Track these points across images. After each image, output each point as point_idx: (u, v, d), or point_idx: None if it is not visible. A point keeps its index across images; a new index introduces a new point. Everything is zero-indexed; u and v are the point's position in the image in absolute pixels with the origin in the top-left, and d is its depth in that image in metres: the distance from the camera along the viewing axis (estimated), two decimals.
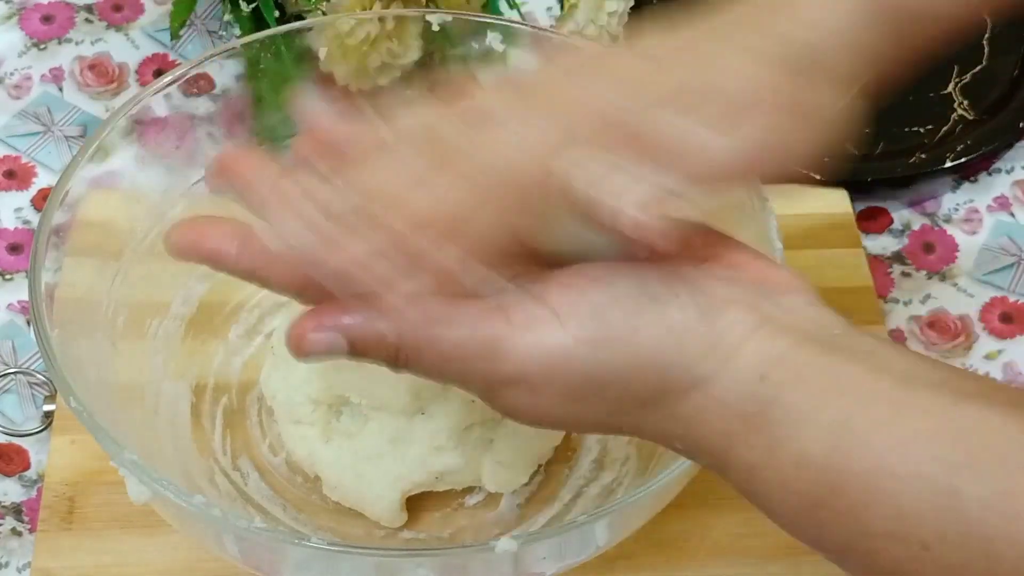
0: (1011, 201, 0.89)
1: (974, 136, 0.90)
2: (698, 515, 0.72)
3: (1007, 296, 0.85)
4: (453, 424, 0.69)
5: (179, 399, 0.73)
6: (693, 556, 0.72)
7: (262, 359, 0.75)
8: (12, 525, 0.74)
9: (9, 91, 0.92)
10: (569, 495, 0.72)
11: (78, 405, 0.60)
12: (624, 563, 0.71)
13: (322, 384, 0.70)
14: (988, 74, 0.94)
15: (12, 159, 0.89)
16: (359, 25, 0.78)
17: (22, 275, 0.83)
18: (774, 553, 0.72)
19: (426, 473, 0.69)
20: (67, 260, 0.66)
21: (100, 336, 0.69)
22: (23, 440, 0.76)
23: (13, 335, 0.81)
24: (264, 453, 0.74)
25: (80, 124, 0.91)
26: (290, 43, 0.76)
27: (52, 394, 0.77)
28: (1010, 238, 0.88)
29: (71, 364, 0.62)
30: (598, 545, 0.63)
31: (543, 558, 0.61)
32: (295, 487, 0.72)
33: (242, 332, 0.78)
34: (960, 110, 0.92)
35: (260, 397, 0.74)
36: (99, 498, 0.72)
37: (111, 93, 0.93)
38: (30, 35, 0.95)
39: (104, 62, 0.94)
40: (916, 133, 0.91)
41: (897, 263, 0.86)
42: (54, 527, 0.71)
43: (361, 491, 0.70)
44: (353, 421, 0.71)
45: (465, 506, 0.72)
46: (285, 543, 0.60)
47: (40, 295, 0.64)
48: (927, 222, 0.88)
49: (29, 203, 0.87)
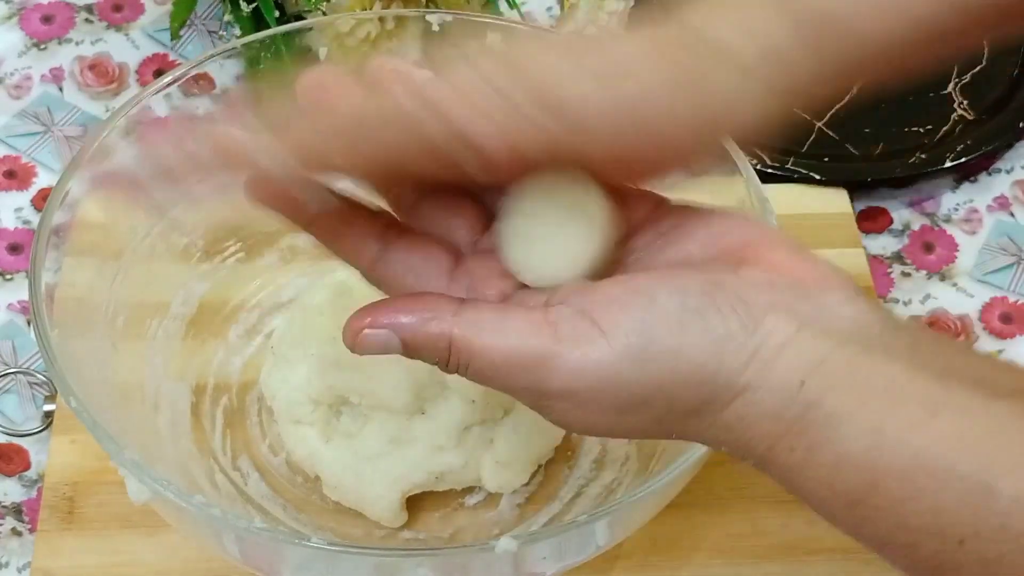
0: (1011, 201, 0.89)
1: (974, 136, 0.90)
2: (698, 515, 0.72)
3: (1007, 296, 0.85)
4: (453, 424, 0.69)
5: (179, 399, 0.73)
6: (693, 556, 0.72)
7: (262, 359, 0.75)
8: (12, 525, 0.74)
9: (9, 91, 0.92)
10: (569, 495, 0.72)
11: (78, 405, 0.60)
12: (624, 563, 0.71)
13: (322, 384, 0.70)
14: (988, 74, 0.94)
15: (12, 159, 0.89)
16: (359, 25, 0.78)
17: (22, 275, 0.83)
18: (774, 553, 0.72)
19: (426, 473, 0.69)
20: (67, 260, 0.66)
21: (100, 336, 0.69)
22: (23, 440, 0.76)
23: (13, 335, 0.81)
24: (264, 453, 0.74)
25: (80, 124, 0.91)
26: (290, 43, 0.76)
27: (52, 394, 0.77)
28: (1010, 238, 0.88)
29: (71, 364, 0.62)
30: (598, 545, 0.63)
31: (543, 558, 0.61)
32: (295, 487, 0.72)
33: (242, 332, 0.78)
34: (960, 110, 0.92)
35: (260, 397, 0.75)
36: (99, 498, 0.72)
37: (111, 93, 0.93)
38: (30, 35, 0.95)
39: (104, 62, 0.94)
40: (916, 133, 0.91)
41: (897, 263, 0.86)
42: (54, 527, 0.71)
43: (361, 491, 0.70)
44: (353, 421, 0.71)
45: (465, 506, 0.72)
46: (285, 543, 0.60)
47: (40, 295, 0.64)
48: (927, 222, 0.88)
49: (29, 203, 0.87)
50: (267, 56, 0.75)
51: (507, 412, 0.70)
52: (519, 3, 0.90)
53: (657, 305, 0.49)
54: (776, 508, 0.73)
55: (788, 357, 0.48)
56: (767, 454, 0.49)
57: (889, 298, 0.84)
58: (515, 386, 0.50)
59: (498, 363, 0.50)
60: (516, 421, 0.70)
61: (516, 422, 0.70)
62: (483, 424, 0.70)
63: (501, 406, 0.70)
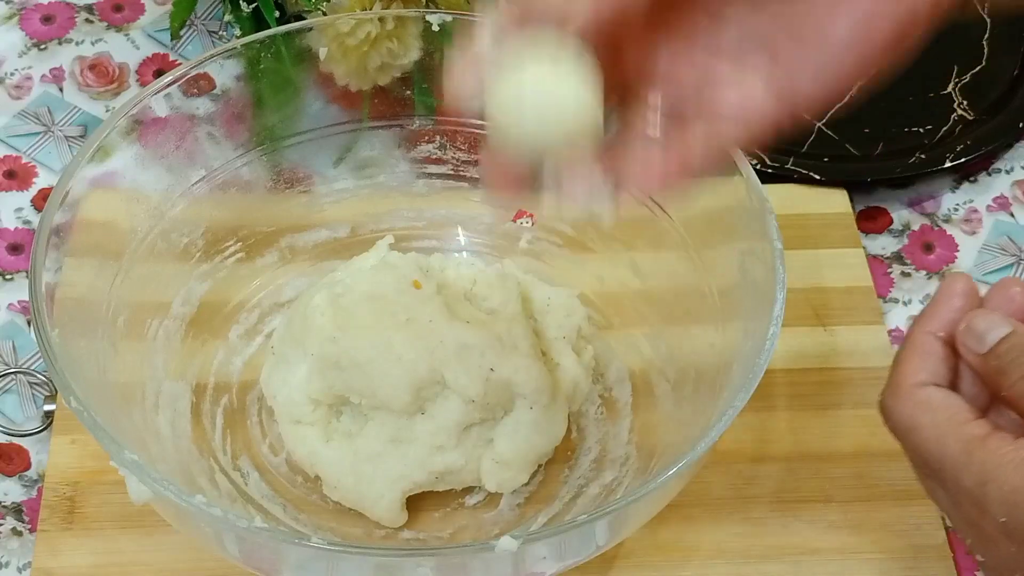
0: (1011, 201, 0.89)
1: (974, 136, 0.90)
2: (698, 515, 0.72)
3: None
4: (453, 424, 0.69)
5: (179, 399, 0.73)
6: (693, 556, 0.72)
7: (262, 359, 0.75)
8: (12, 525, 0.74)
9: (9, 91, 0.92)
10: (569, 495, 0.72)
11: (78, 405, 0.60)
12: (624, 563, 0.71)
13: (322, 384, 0.70)
14: (988, 74, 0.94)
15: (12, 159, 0.89)
16: (359, 25, 0.78)
17: (22, 275, 0.83)
18: (774, 553, 0.72)
19: (426, 473, 0.69)
20: (67, 260, 0.66)
21: (100, 336, 0.69)
22: (23, 440, 0.76)
23: (13, 335, 0.81)
24: (264, 453, 0.74)
25: (80, 124, 0.91)
26: (290, 43, 0.76)
27: (52, 394, 0.77)
28: (1010, 238, 0.88)
29: (71, 364, 0.62)
30: (598, 545, 0.63)
31: (543, 558, 0.61)
32: (295, 487, 0.72)
33: (242, 332, 0.78)
34: (960, 110, 0.92)
35: (260, 397, 0.75)
36: (99, 498, 0.72)
37: (111, 93, 0.93)
38: (30, 35, 0.95)
39: (104, 62, 0.94)
40: (916, 133, 0.91)
41: (897, 263, 0.86)
42: (54, 527, 0.71)
43: (361, 491, 0.70)
44: (353, 421, 0.71)
45: (465, 506, 0.72)
46: (285, 543, 0.60)
47: (40, 295, 0.64)
48: (927, 222, 0.88)
49: (29, 203, 0.87)
50: (267, 56, 0.75)
51: (507, 412, 0.70)
52: None
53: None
54: (776, 508, 0.73)
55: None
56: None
57: (889, 298, 0.84)
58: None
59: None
60: (516, 421, 0.70)
61: (516, 422, 0.70)
62: (483, 424, 0.70)
63: (501, 406, 0.70)
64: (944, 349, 0.59)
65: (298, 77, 0.78)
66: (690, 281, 0.73)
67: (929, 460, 0.57)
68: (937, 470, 0.57)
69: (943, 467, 0.57)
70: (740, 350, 0.66)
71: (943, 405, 0.57)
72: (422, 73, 0.80)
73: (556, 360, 0.73)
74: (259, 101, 0.77)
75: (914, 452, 0.58)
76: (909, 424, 0.58)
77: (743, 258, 0.69)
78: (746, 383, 0.62)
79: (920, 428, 0.57)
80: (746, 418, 0.62)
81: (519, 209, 0.81)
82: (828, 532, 0.73)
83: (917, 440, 0.58)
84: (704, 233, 0.72)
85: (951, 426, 0.57)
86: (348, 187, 0.81)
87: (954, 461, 0.56)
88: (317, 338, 0.70)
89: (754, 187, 0.67)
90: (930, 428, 0.57)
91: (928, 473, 0.58)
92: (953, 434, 0.56)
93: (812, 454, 0.75)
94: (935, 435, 0.57)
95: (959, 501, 0.57)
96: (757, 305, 0.65)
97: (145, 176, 0.73)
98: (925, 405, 0.57)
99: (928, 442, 0.57)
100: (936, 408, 0.57)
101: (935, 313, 0.60)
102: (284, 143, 0.78)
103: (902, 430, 0.58)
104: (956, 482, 0.56)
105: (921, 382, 0.58)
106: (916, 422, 0.57)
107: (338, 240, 0.81)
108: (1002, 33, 0.96)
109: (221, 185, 0.76)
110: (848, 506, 0.73)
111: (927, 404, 0.57)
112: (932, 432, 0.57)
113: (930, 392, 0.58)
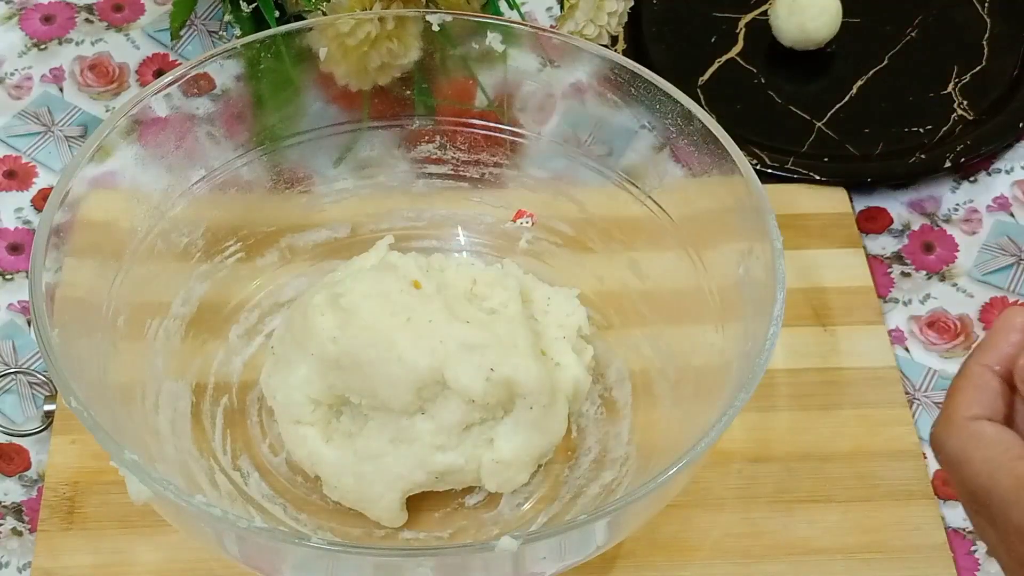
0: (1011, 201, 0.89)
1: (974, 136, 0.90)
2: (698, 515, 0.72)
3: (1007, 296, 0.85)
4: (453, 424, 0.69)
5: (179, 399, 0.73)
6: (693, 556, 0.72)
7: (262, 359, 0.75)
8: (12, 525, 0.74)
9: (9, 91, 0.92)
10: (569, 495, 0.72)
11: (78, 405, 0.60)
12: (624, 563, 0.71)
13: (322, 384, 0.70)
14: (988, 74, 0.94)
15: (12, 159, 0.89)
16: (359, 25, 0.78)
17: (22, 275, 0.83)
18: (774, 553, 0.72)
19: (426, 473, 0.69)
20: (67, 260, 0.66)
21: (100, 336, 0.69)
22: (23, 440, 0.76)
23: (13, 335, 0.81)
24: (264, 453, 0.74)
25: (80, 124, 0.91)
26: (290, 43, 0.77)
27: (52, 394, 0.77)
28: (1010, 238, 0.88)
29: (71, 364, 0.62)
30: (598, 545, 0.63)
31: (543, 558, 0.61)
32: (295, 487, 0.72)
33: (242, 332, 0.78)
34: (960, 110, 0.92)
35: (260, 397, 0.75)
36: (99, 498, 0.72)
37: (111, 93, 0.93)
38: (30, 35, 0.95)
39: (104, 62, 0.94)
40: (916, 133, 0.91)
41: (897, 263, 0.86)
42: (54, 527, 0.71)
43: (361, 491, 0.70)
44: (353, 421, 0.71)
45: (465, 506, 0.72)
46: (285, 543, 0.60)
47: (40, 295, 0.64)
48: (927, 222, 0.88)
49: (29, 203, 0.87)
50: (267, 56, 0.76)
51: (507, 412, 0.70)
52: (519, 3, 0.90)
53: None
54: (776, 508, 0.73)
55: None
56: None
57: (889, 298, 0.84)
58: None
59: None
60: (516, 421, 0.70)
61: (516, 422, 0.70)
62: (483, 424, 0.70)
63: (501, 406, 0.70)
64: (1000, 384, 0.58)
65: (298, 77, 0.78)
66: (690, 281, 0.73)
67: (978, 494, 0.56)
68: (986, 505, 0.56)
69: (991, 502, 0.55)
70: (740, 350, 0.66)
71: (996, 440, 0.56)
72: (422, 73, 0.80)
73: (556, 360, 0.73)
74: (259, 101, 0.78)
75: (963, 486, 0.57)
76: (960, 457, 0.57)
77: (743, 258, 0.69)
78: (746, 383, 0.62)
79: (971, 462, 0.56)
80: (746, 418, 0.63)
81: (519, 209, 0.81)
82: (828, 532, 0.73)
83: (967, 474, 0.56)
84: (704, 233, 0.72)
85: (1003, 461, 0.55)
86: (348, 187, 0.81)
87: (1004, 497, 0.55)
88: (317, 338, 0.70)
89: (754, 187, 0.67)
90: (981, 463, 0.56)
91: (977, 509, 0.57)
92: (1005, 469, 0.55)
93: (812, 454, 0.75)
94: (986, 470, 0.55)
95: (1008, 538, 0.56)
96: (757, 305, 0.65)
97: (145, 176, 0.73)
98: (977, 439, 0.56)
99: (978, 476, 0.56)
100: (989, 443, 0.56)
101: (992, 346, 0.58)
102: (284, 143, 0.78)
103: (953, 463, 0.57)
104: (1005, 518, 0.55)
105: (975, 415, 0.57)
106: (968, 455, 0.56)
107: (338, 240, 0.81)
108: (1002, 33, 0.96)
109: (221, 185, 0.76)
110: (848, 506, 0.73)
111: (979, 438, 0.56)
112: (983, 467, 0.56)
113: (983, 426, 0.57)
